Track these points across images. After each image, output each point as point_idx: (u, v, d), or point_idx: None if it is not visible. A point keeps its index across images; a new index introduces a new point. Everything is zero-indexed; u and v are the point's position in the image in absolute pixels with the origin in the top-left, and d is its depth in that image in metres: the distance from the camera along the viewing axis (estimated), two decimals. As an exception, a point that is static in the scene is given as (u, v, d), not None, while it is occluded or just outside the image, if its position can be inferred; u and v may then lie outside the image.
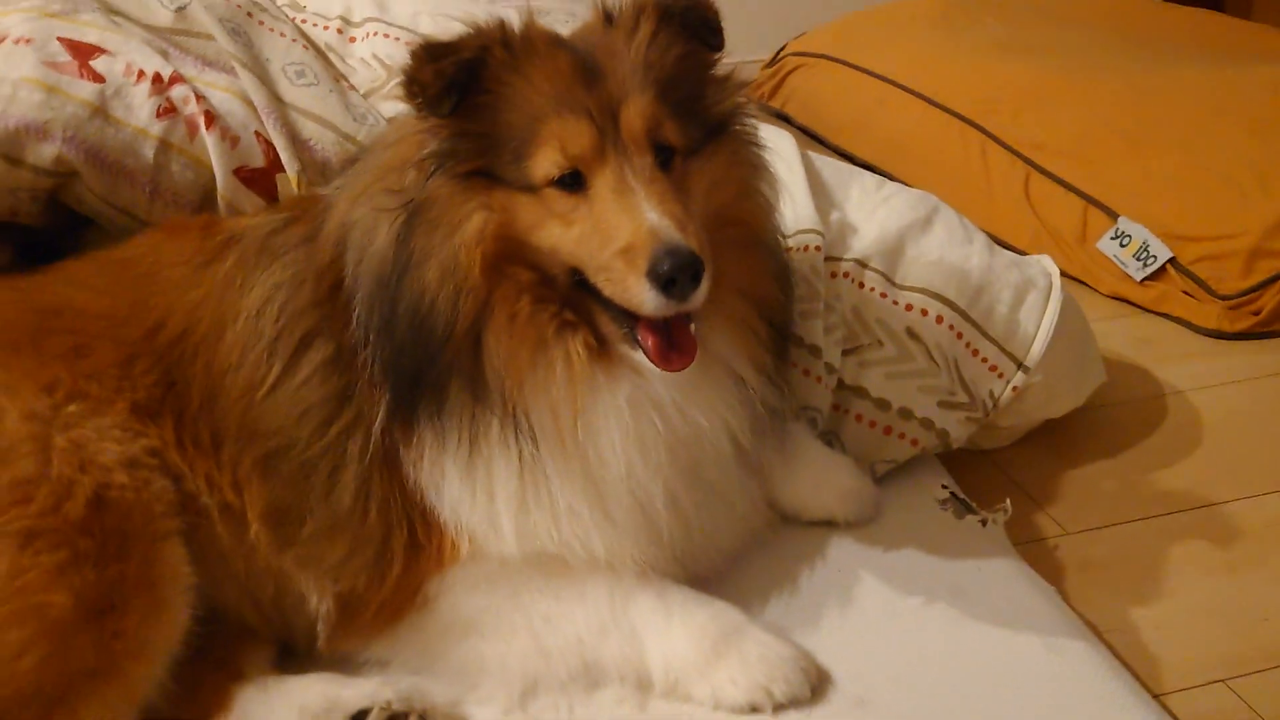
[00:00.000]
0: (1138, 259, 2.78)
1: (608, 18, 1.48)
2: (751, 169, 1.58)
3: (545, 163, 1.37)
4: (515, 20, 1.44)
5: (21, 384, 1.42)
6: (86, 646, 1.31)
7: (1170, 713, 1.56)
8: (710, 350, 1.51)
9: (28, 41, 1.79)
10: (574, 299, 1.43)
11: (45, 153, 1.74)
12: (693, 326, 1.42)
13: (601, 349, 1.45)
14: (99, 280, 1.58)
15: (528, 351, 1.42)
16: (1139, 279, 2.77)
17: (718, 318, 1.52)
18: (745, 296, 1.57)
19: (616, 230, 1.34)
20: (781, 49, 4.16)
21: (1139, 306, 2.79)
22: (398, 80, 1.45)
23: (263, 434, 1.49)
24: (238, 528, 1.48)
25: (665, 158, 1.41)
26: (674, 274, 1.31)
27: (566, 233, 1.39)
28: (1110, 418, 2.32)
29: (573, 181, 1.38)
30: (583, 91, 1.39)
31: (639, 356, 1.42)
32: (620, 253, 1.34)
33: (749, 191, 1.57)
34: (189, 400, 1.49)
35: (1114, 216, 2.87)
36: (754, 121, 1.59)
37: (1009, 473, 2.14)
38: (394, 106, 1.97)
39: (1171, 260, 2.74)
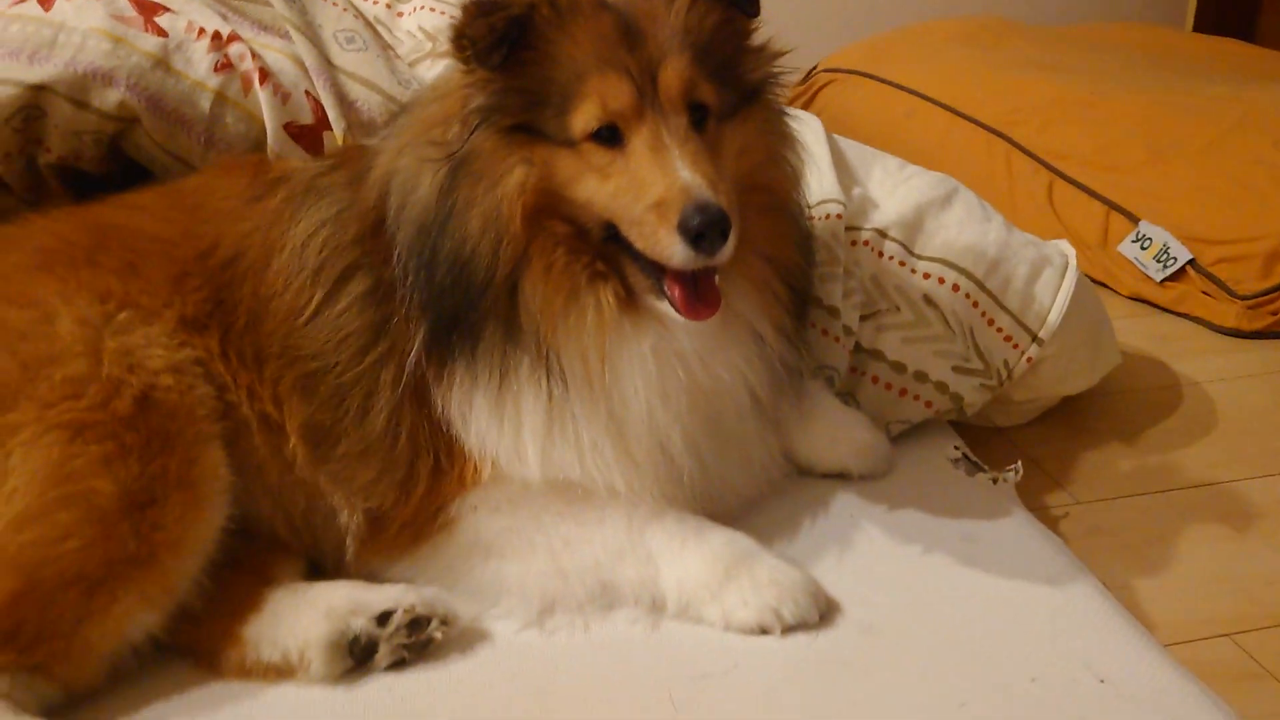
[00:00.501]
0: (1158, 261, 2.82)
1: None
2: (780, 137, 1.65)
3: (586, 117, 1.44)
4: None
5: (77, 293, 1.50)
6: (127, 535, 1.38)
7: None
8: (732, 309, 1.57)
9: (98, -4, 1.91)
10: (606, 251, 1.50)
11: (110, 98, 1.85)
12: (716, 278, 1.49)
13: (630, 299, 1.52)
14: (155, 206, 1.67)
15: (561, 299, 1.49)
16: (1159, 280, 2.82)
17: (741, 279, 1.59)
18: (768, 260, 1.63)
19: (651, 185, 1.41)
20: (814, 67, 4.26)
21: (1158, 307, 2.83)
22: (446, 34, 1.52)
23: (303, 356, 1.56)
24: (275, 439, 1.56)
25: (700, 119, 1.48)
26: (703, 229, 1.37)
27: (602, 186, 1.45)
28: (1126, 403, 2.35)
29: (610, 137, 1.45)
30: (624, 52, 1.46)
31: (665, 307, 1.49)
32: (653, 207, 1.41)
33: (777, 159, 1.64)
34: (235, 319, 1.57)
35: (1135, 220, 2.92)
36: (785, 93, 1.66)
37: (1024, 449, 2.18)
38: (435, 73, 2.07)
39: (1191, 262, 2.79)
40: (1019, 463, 1.88)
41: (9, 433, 1.38)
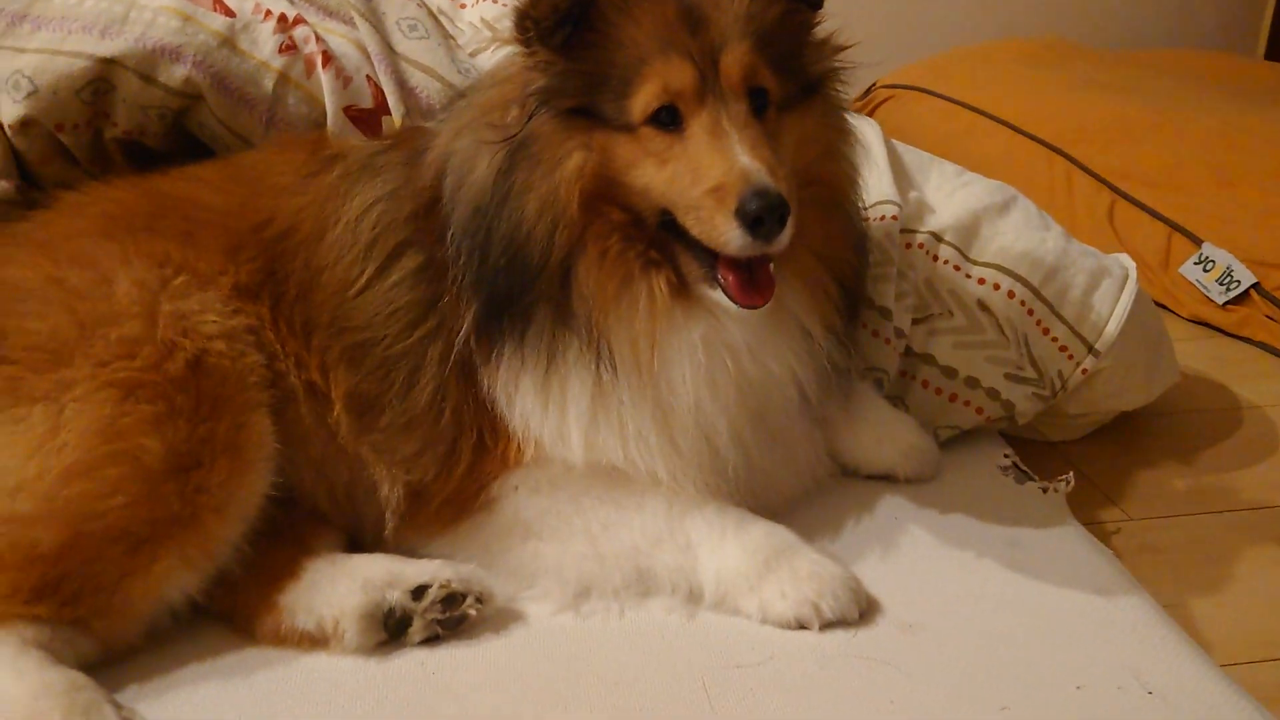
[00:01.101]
0: (1220, 284, 2.76)
1: None
2: (839, 132, 1.64)
3: (646, 98, 1.43)
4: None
5: (136, 257, 1.53)
6: (172, 495, 1.40)
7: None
8: (782, 304, 1.56)
9: (170, -24, 1.95)
10: (659, 240, 1.49)
11: (176, 74, 1.88)
12: (771, 267, 1.47)
13: (682, 288, 1.51)
14: (214, 178, 1.70)
15: (615, 284, 1.49)
16: (1221, 303, 2.75)
17: (792, 275, 1.57)
18: (820, 257, 1.61)
19: (709, 170, 1.40)
20: (873, 84, 4.24)
21: (1220, 330, 2.77)
22: (508, 15, 1.52)
23: (352, 328, 1.57)
24: (321, 409, 1.57)
25: (760, 106, 1.47)
26: (761, 214, 1.36)
27: (660, 172, 1.45)
28: (1184, 423, 2.29)
29: (669, 120, 1.44)
30: (687, 36, 1.46)
31: (717, 295, 1.47)
32: (711, 191, 1.40)
33: (835, 153, 1.63)
34: (286, 289, 1.59)
35: (1198, 243, 2.86)
36: (847, 89, 1.64)
37: (1077, 464, 2.12)
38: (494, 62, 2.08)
39: (1255, 286, 2.72)
40: (1070, 474, 1.84)
41: (64, 388, 1.40)
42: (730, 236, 1.39)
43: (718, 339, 1.52)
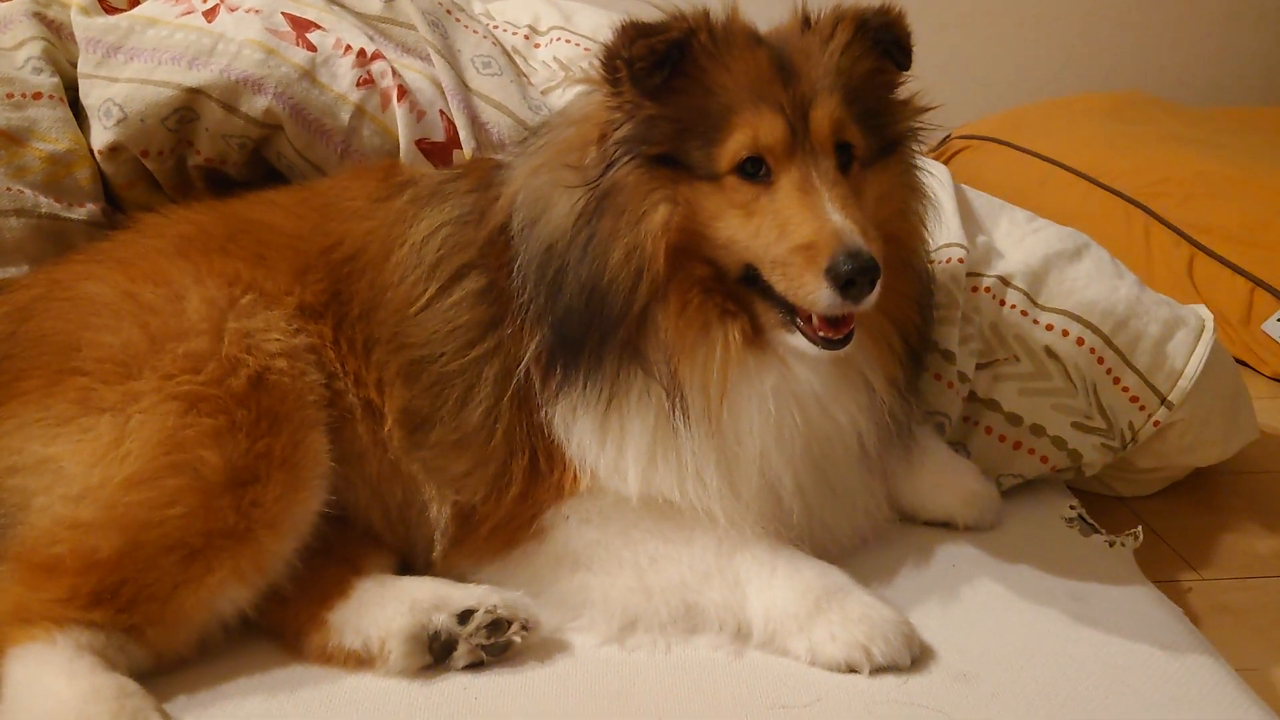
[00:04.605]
0: (1305, 342, 2.66)
1: (806, 22, 1.56)
2: (913, 191, 1.64)
3: (735, 148, 1.43)
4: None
5: (208, 276, 1.58)
6: (228, 508, 1.42)
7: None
8: (849, 360, 1.55)
9: (257, 12, 2.02)
10: (736, 292, 1.49)
11: (257, 104, 1.95)
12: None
13: (755, 337, 1.51)
14: (288, 203, 1.75)
15: (694, 333, 1.49)
16: (1306, 362, 2.66)
17: (861, 332, 1.54)
18: (887, 314, 1.60)
19: (799, 227, 1.40)
20: (948, 135, 4.21)
21: (1304, 389, 2.66)
22: (595, 54, 1.52)
23: (411, 344, 1.60)
24: (377, 427, 1.59)
25: (844, 162, 1.48)
26: (854, 276, 1.36)
27: (745, 224, 1.44)
28: (1263, 483, 2.20)
29: (755, 172, 1.44)
30: (779, 88, 1.46)
31: (794, 339, 1.46)
32: (800, 248, 1.39)
33: (908, 212, 1.63)
34: (350, 309, 1.62)
35: (1281, 299, 2.77)
36: (923, 149, 1.65)
37: (1148, 520, 2.05)
38: (567, 100, 2.11)
39: (1341, 344, 2.62)
40: (1138, 528, 1.78)
41: (131, 399, 1.44)
42: (819, 296, 1.38)
43: (787, 389, 1.52)
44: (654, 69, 1.43)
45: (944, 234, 1.98)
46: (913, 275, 1.64)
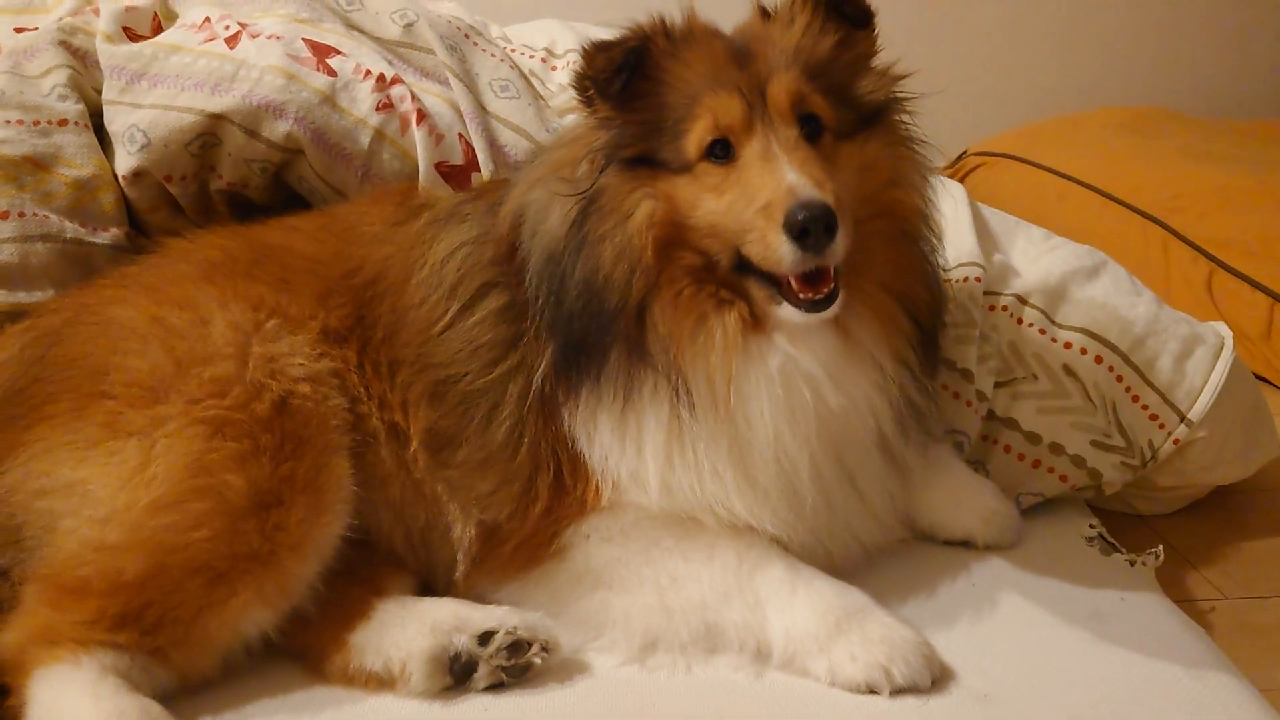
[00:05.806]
0: (1327, 357, 2.65)
1: (764, 13, 1.60)
2: (906, 161, 1.63)
3: (699, 135, 1.48)
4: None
5: (233, 301, 1.60)
6: (252, 532, 1.44)
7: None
8: (854, 337, 1.56)
9: (278, 38, 2.05)
10: (730, 281, 1.51)
11: (279, 129, 1.97)
12: (832, 272, 1.46)
13: (755, 323, 1.52)
14: (309, 228, 1.77)
15: (690, 323, 1.52)
16: (1327, 377, 2.64)
17: (863, 307, 1.57)
18: (890, 291, 1.60)
19: (759, 190, 1.44)
20: (964, 151, 4.21)
21: (1326, 406, 2.64)
22: (571, 84, 1.59)
23: (435, 364, 1.61)
24: (400, 449, 1.60)
25: (813, 132, 1.50)
26: (807, 224, 1.38)
27: (719, 203, 1.48)
28: (1285, 501, 2.19)
29: (723, 154, 1.48)
30: (735, 71, 1.50)
31: (785, 311, 1.48)
32: (761, 210, 1.43)
33: (901, 182, 1.62)
34: (374, 333, 1.64)
35: (1302, 314, 2.76)
36: (911, 119, 1.64)
37: (1169, 539, 2.04)
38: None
39: (1364, 360, 2.61)
40: (1159, 546, 1.77)
41: (158, 423, 1.46)
42: (783, 252, 1.41)
43: (793, 369, 1.52)
44: (613, 77, 1.48)
45: (959, 253, 1.98)
46: (912, 247, 1.63)
